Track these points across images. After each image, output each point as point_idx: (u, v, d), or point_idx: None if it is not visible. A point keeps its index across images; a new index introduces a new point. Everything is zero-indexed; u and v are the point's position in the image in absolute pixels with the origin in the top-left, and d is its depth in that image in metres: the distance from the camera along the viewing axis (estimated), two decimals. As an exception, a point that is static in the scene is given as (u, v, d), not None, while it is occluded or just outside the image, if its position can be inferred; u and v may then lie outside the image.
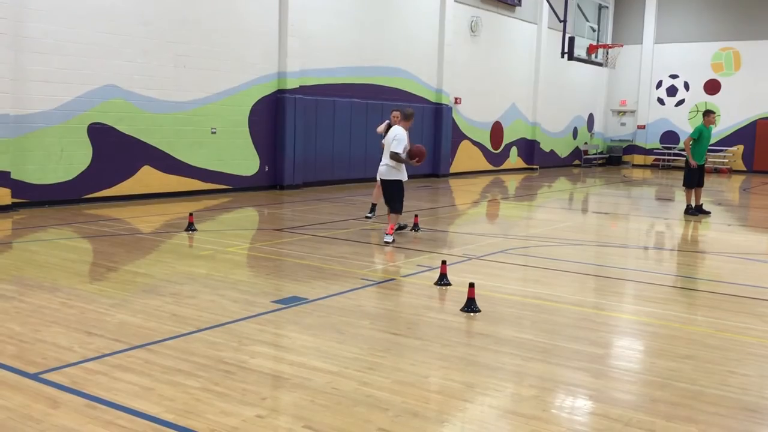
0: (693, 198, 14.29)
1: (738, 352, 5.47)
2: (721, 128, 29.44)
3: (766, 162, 28.61)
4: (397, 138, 9.87)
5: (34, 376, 4.49)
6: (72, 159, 12.72)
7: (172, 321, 5.79)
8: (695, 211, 14.06)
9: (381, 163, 10.30)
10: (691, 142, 13.92)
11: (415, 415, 4.07)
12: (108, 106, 13.13)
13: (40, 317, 5.81)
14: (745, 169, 29.16)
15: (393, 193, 10.07)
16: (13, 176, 11.80)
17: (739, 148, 29.31)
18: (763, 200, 19.11)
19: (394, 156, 9.89)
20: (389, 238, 9.85)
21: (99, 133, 13.06)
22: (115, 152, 13.33)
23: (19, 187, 11.94)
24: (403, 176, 10.13)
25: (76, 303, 6.27)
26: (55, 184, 12.51)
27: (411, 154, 10.02)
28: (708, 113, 14.09)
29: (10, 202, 11.73)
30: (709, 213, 14.17)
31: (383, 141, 10.47)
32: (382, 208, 10.86)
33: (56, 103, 12.37)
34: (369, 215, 12.05)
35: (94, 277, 7.46)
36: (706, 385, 4.70)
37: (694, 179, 14.07)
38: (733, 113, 29.21)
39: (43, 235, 9.85)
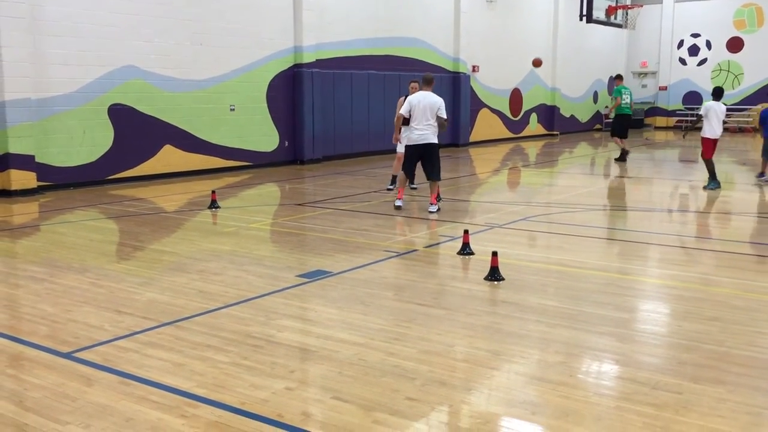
0: (624, 144, 17.03)
1: (765, 312, 5.44)
2: (744, 87, 28.92)
3: (792, 120, 28.05)
4: (442, 104, 10.01)
5: (68, 355, 4.60)
6: (94, 141, 12.83)
7: (199, 297, 5.87)
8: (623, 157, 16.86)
9: (417, 131, 10.02)
10: (618, 100, 17.23)
11: (442, 384, 4.11)
12: (127, 87, 13.19)
13: (71, 297, 5.91)
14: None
15: (434, 157, 10.04)
16: (37, 160, 11.94)
17: (763, 106, 28.67)
18: (789, 159, 18.76)
19: (443, 122, 10.01)
20: (434, 208, 9.91)
21: (119, 114, 13.14)
22: (136, 132, 13.41)
23: (43, 171, 12.09)
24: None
25: (105, 282, 6.37)
26: (78, 166, 12.65)
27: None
28: (618, 77, 17.78)
29: (35, 186, 11.89)
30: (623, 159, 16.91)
31: (410, 110, 10.13)
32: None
33: (76, 86, 12.45)
34: (390, 187, 12.05)
35: (122, 257, 7.57)
36: (733, 346, 4.68)
37: (622, 129, 17.16)
38: (756, 71, 28.63)
39: (69, 217, 9.99)
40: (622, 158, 16.95)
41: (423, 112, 9.98)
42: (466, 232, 7.51)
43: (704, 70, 30.02)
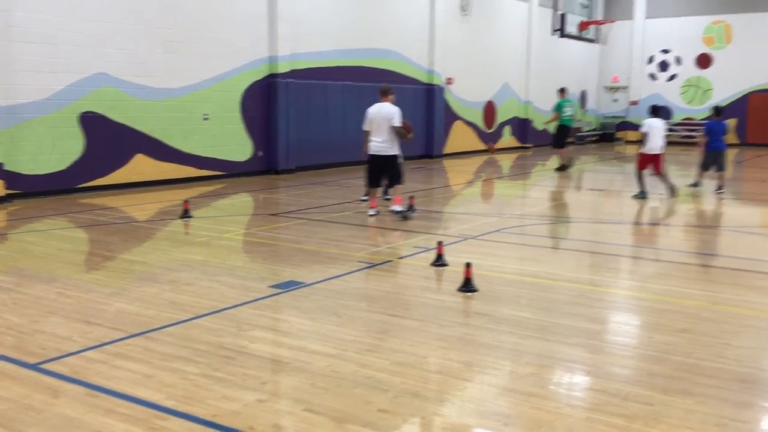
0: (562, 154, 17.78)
1: (733, 325, 5.51)
2: (713, 102, 29.41)
3: (758, 135, 28.62)
4: (396, 114, 10.13)
5: (34, 367, 4.51)
6: (65, 149, 12.66)
7: (170, 308, 5.81)
8: (567, 167, 17.58)
9: (374, 142, 10.34)
10: (557, 114, 18.02)
11: (415, 396, 4.10)
12: (99, 95, 13.05)
13: (39, 308, 5.81)
14: (738, 142, 29.19)
15: (393, 168, 10.34)
16: (6, 167, 11.74)
17: (731, 122, 29.30)
18: (756, 173, 19.16)
19: (399, 131, 10.16)
20: (399, 207, 10.09)
21: (91, 122, 12.99)
22: (108, 141, 13.26)
23: (12, 179, 11.88)
24: (399, 151, 10.46)
25: (74, 293, 6.27)
26: (48, 174, 12.46)
27: (405, 129, 10.25)
28: (561, 91, 18.33)
29: (4, 194, 11.68)
30: (563, 169, 17.66)
31: (370, 120, 10.38)
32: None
33: (47, 93, 12.29)
34: (364, 198, 12.04)
35: (91, 267, 7.46)
36: (703, 358, 4.74)
37: (561, 139, 17.89)
38: (725, 87, 29.18)
39: (38, 225, 9.83)
40: (563, 169, 17.68)
41: (379, 124, 10.17)
42: (439, 243, 7.53)
43: (674, 86, 30.51)
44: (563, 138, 17.97)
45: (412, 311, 5.82)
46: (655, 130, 12.96)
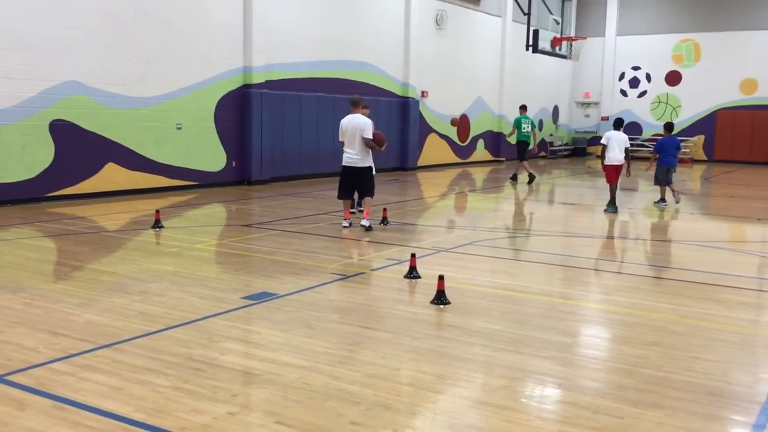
0: (523, 166, 18.75)
1: (702, 338, 5.59)
2: (682, 119, 29.97)
3: (725, 151, 29.18)
4: (367, 125, 10.11)
5: (-1, 378, 4.42)
6: (34, 157, 12.48)
7: (139, 319, 5.73)
8: (530, 178, 18.69)
9: (347, 154, 10.33)
10: (515, 129, 19.04)
11: (386, 408, 4.09)
12: (70, 103, 12.90)
13: (4, 318, 5.70)
14: (705, 158, 29.71)
15: (365, 179, 10.33)
16: (-28, 175, 11.55)
17: (699, 138, 29.85)
18: (723, 189, 19.50)
19: (369, 142, 10.12)
20: (367, 222, 10.10)
21: (61, 130, 12.82)
22: (78, 149, 13.10)
23: (-21, 186, 11.69)
24: (372, 163, 10.47)
25: (41, 303, 6.16)
26: (16, 182, 12.26)
27: (377, 140, 10.20)
28: (522, 108, 19.47)
29: (-30, 202, 11.48)
30: (515, 180, 19.02)
31: (342, 131, 10.34)
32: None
33: (16, 100, 12.11)
34: (353, 210, 12.00)
35: (59, 277, 7.34)
36: (672, 371, 4.79)
37: (521, 153, 18.98)
38: (693, 104, 29.74)
39: (5, 234, 9.66)
40: (524, 180, 18.96)
41: (352, 135, 10.16)
42: (413, 255, 7.54)
43: (644, 102, 31.02)
44: (523, 152, 18.98)
45: (384, 323, 5.81)
46: (614, 143, 13.33)
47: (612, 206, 13.25)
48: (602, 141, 13.55)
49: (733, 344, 5.50)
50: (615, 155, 13.31)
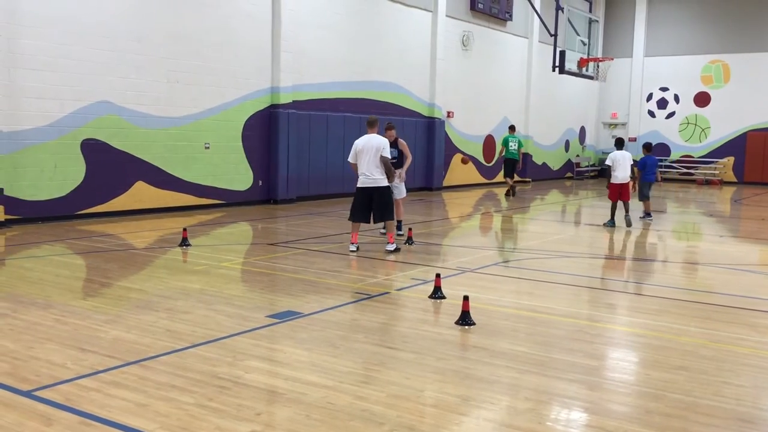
0: (511, 184, 20.24)
1: (732, 363, 5.49)
2: (711, 140, 29.65)
3: (756, 173, 28.77)
4: (386, 144, 10.12)
5: (28, 394, 4.48)
6: (65, 175, 12.71)
7: (166, 336, 5.78)
8: (512, 193, 20.41)
9: (364, 175, 10.08)
10: (503, 148, 20.54)
11: (410, 429, 4.07)
12: (101, 122, 13.14)
13: (34, 334, 5.78)
14: (735, 180, 29.31)
15: (384, 199, 10.16)
16: (6, 193, 11.78)
17: (729, 160, 29.48)
18: (753, 211, 19.21)
19: (386, 161, 10.04)
20: (392, 247, 10.03)
21: (92, 149, 13.06)
22: (109, 168, 13.32)
23: (12, 204, 11.91)
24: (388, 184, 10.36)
25: (70, 319, 6.25)
26: (48, 200, 12.49)
27: (387, 169, 10.13)
28: (510, 128, 21.06)
29: (3, 219, 11.70)
30: (509, 195, 20.38)
31: (358, 152, 10.16)
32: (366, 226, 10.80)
33: (49, 120, 12.37)
34: (383, 231, 11.96)
35: (88, 294, 7.44)
36: (700, 396, 4.71)
37: (509, 170, 20.58)
38: (723, 125, 29.40)
39: (36, 251, 9.82)
40: (510, 194, 20.54)
41: (369, 156, 10.01)
42: (437, 275, 7.52)
43: (672, 123, 30.74)
44: (511, 169, 20.71)
45: (409, 344, 5.79)
46: (619, 163, 13.99)
47: (611, 221, 14.01)
48: (607, 162, 14.20)
49: (764, 369, 5.40)
50: (622, 174, 13.97)
